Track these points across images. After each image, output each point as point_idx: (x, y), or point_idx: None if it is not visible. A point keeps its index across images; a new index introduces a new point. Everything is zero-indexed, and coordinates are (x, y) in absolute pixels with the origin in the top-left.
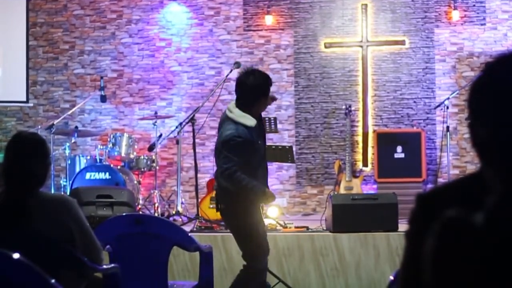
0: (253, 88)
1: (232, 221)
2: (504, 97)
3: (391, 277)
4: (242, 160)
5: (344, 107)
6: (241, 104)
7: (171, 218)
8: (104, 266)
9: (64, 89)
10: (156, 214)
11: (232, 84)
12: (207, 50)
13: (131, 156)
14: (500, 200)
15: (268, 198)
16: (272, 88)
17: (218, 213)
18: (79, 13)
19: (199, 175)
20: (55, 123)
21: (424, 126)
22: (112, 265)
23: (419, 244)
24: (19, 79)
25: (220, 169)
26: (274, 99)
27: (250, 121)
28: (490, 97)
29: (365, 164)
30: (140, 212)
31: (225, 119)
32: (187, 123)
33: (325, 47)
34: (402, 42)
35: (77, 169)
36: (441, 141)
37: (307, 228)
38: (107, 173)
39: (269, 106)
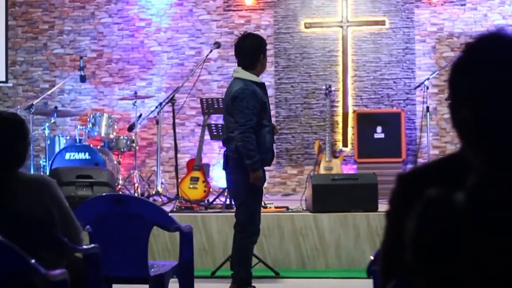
0: (252, 50)
1: (237, 174)
2: (484, 77)
3: (371, 257)
4: (255, 110)
5: (324, 87)
6: (244, 65)
7: (151, 198)
8: (84, 246)
9: (44, 69)
10: (136, 194)
11: (212, 64)
12: (187, 30)
13: (111, 136)
14: (480, 180)
15: (256, 176)
16: None
17: (200, 191)
18: None
19: (179, 155)
20: (34, 103)
21: (404, 107)
22: (92, 245)
23: (400, 223)
24: None
25: (237, 124)
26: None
27: (256, 78)
28: (470, 77)
29: (345, 144)
30: (120, 192)
31: (232, 81)
32: (167, 103)
33: (305, 27)
34: (382, 23)
35: (57, 149)
36: (421, 122)
37: (287, 208)
38: (87, 153)
39: None
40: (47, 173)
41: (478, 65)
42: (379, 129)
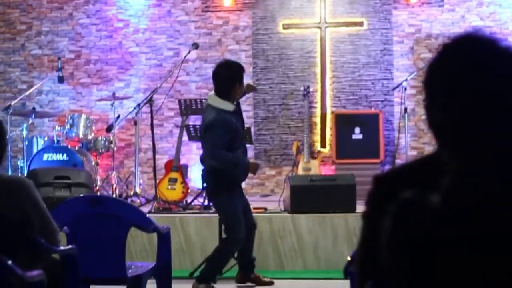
0: (227, 79)
1: (216, 198)
2: (460, 78)
3: (349, 258)
4: (225, 139)
5: (302, 88)
6: (219, 93)
7: (129, 199)
8: (62, 248)
9: (21, 70)
10: (114, 195)
11: (190, 65)
12: (165, 31)
13: (89, 137)
14: (455, 181)
15: (252, 168)
16: None
17: (178, 192)
18: None
19: (157, 156)
20: (12, 104)
21: (382, 108)
22: (70, 246)
23: (376, 224)
24: None
25: (207, 150)
26: (253, 89)
27: (229, 106)
28: (446, 78)
29: (323, 145)
30: (98, 193)
31: (207, 107)
32: (145, 104)
33: (284, 28)
34: (361, 24)
35: (35, 150)
36: (399, 123)
37: (265, 209)
38: (65, 154)
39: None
40: (25, 174)
41: (453, 66)
42: (357, 130)
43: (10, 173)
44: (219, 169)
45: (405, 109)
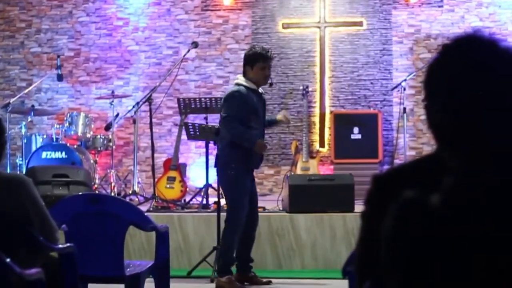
0: (244, 61)
1: (224, 172)
2: (460, 78)
3: (347, 258)
4: (237, 110)
5: (301, 87)
6: (243, 74)
7: (127, 198)
8: (60, 246)
9: (21, 67)
10: (112, 194)
11: (189, 64)
12: (165, 29)
13: (88, 135)
14: (455, 181)
15: (259, 146)
16: (230, 69)
17: (176, 191)
18: None
19: (155, 155)
20: (11, 101)
21: (381, 108)
22: (68, 244)
23: (375, 224)
24: None
25: (220, 118)
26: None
27: (252, 85)
28: (446, 78)
29: (322, 145)
30: (97, 192)
31: (234, 85)
32: (144, 102)
33: (283, 27)
34: (360, 24)
35: (33, 148)
36: (397, 123)
37: (264, 208)
38: (64, 152)
39: None
40: (24, 172)
41: (453, 67)
42: (356, 130)
43: (8, 171)
44: (234, 144)
45: (404, 109)
